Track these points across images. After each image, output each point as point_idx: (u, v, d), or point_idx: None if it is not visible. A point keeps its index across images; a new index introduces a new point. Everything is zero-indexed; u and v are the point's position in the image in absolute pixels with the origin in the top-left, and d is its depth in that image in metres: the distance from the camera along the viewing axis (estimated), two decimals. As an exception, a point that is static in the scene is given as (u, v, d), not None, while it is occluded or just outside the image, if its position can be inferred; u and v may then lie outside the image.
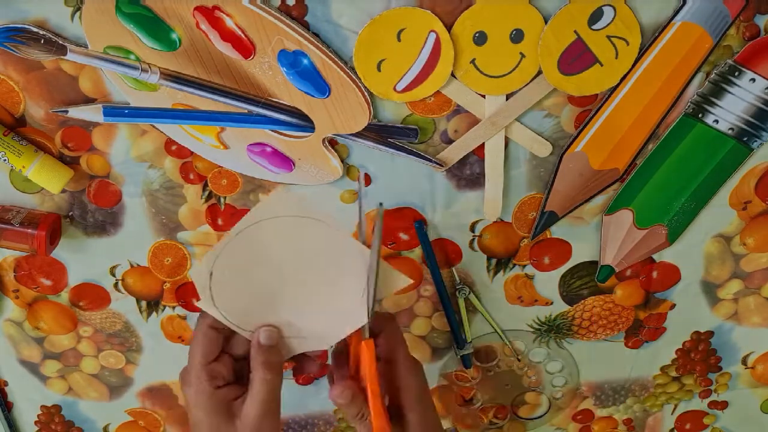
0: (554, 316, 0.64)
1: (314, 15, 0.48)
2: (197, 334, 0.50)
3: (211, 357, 0.50)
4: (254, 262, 0.50)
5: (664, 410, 0.71)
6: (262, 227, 0.49)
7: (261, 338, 0.50)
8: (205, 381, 0.49)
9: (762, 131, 0.52)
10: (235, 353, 0.52)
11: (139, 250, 0.59)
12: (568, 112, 0.53)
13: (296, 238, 0.49)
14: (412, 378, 0.53)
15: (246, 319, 0.51)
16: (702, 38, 0.49)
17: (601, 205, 0.57)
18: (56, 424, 0.70)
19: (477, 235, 0.59)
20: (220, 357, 0.51)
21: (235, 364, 0.51)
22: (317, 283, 0.50)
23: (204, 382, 0.49)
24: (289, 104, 0.51)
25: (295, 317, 0.51)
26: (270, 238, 0.49)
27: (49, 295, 0.62)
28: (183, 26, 0.48)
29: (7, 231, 0.54)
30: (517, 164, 0.55)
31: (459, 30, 0.49)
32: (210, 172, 0.55)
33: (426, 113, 0.52)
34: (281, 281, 0.50)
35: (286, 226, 0.49)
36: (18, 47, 0.46)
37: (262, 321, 0.51)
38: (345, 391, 0.49)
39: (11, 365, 0.66)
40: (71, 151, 0.54)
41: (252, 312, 0.51)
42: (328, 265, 0.50)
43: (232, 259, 0.49)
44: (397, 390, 0.52)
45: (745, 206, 0.57)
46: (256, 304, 0.51)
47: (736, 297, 0.63)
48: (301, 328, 0.51)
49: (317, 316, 0.51)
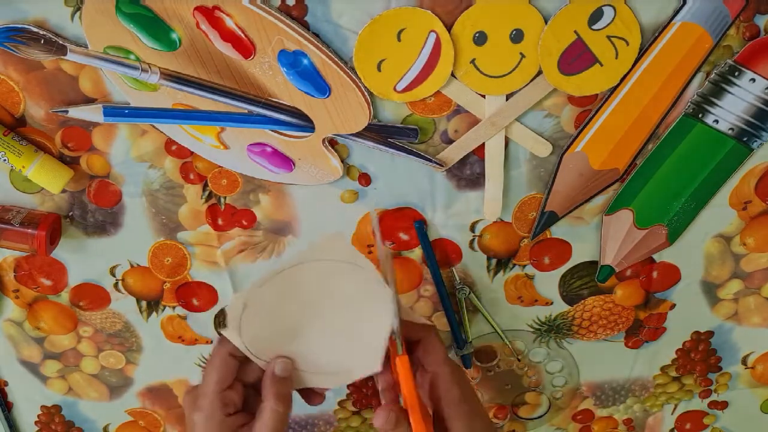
0: (554, 316, 0.64)
1: (314, 15, 0.48)
2: (215, 361, 0.50)
3: (226, 384, 0.49)
4: (288, 299, 0.50)
5: (664, 410, 0.71)
6: (305, 268, 0.49)
7: (276, 369, 0.50)
8: (218, 408, 0.48)
9: (762, 131, 0.52)
10: (246, 380, 0.51)
11: (139, 250, 0.59)
12: (568, 112, 0.53)
13: (334, 281, 0.50)
14: (454, 386, 0.51)
15: (264, 349, 0.51)
16: (702, 38, 0.49)
17: (601, 205, 0.57)
18: (56, 424, 0.70)
19: (477, 235, 0.59)
20: (234, 384, 0.50)
21: (244, 391, 0.51)
22: (342, 324, 0.51)
23: (217, 410, 0.48)
24: (289, 104, 0.51)
25: (312, 352, 0.51)
26: (310, 279, 0.49)
27: (49, 295, 0.62)
28: (183, 26, 0.48)
29: (7, 231, 0.55)
30: (517, 164, 0.55)
31: (459, 30, 0.49)
32: (210, 172, 0.55)
33: (426, 113, 0.52)
34: (308, 318, 0.51)
35: (328, 268, 0.49)
36: (18, 47, 0.46)
37: (280, 351, 0.51)
38: (389, 415, 0.48)
39: (11, 365, 0.66)
40: (71, 151, 0.54)
41: (272, 343, 0.51)
42: (357, 308, 0.50)
43: (269, 296, 0.50)
44: (439, 400, 0.51)
45: (745, 206, 0.57)
46: (278, 336, 0.51)
47: (736, 297, 0.63)
48: (316, 363, 0.51)
49: (334, 355, 0.51)
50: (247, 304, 0.50)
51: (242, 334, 0.50)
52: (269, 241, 0.59)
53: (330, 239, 0.49)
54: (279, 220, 0.58)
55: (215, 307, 0.62)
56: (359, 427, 0.71)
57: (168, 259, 0.60)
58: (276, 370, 0.50)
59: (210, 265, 0.60)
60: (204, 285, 0.61)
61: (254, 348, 0.50)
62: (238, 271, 0.60)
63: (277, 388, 0.49)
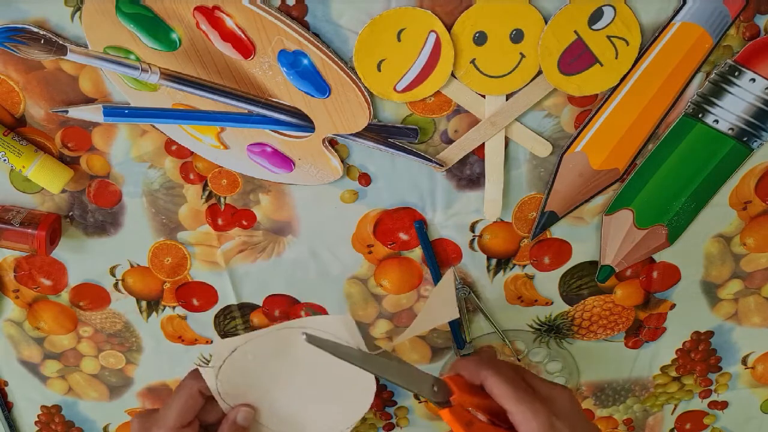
0: (554, 316, 0.64)
1: (314, 15, 0.48)
2: (182, 393, 0.50)
3: (186, 420, 0.50)
4: (277, 356, 0.51)
5: (664, 410, 0.71)
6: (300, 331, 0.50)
7: (239, 417, 0.50)
8: None
9: (762, 131, 0.52)
10: (205, 420, 0.52)
11: (139, 250, 0.59)
12: (568, 112, 0.53)
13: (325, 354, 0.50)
14: (531, 423, 0.45)
15: (235, 395, 0.52)
16: (702, 38, 0.49)
17: (601, 205, 0.57)
18: (56, 424, 0.70)
19: (477, 235, 0.59)
20: (192, 422, 0.50)
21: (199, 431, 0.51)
22: (321, 392, 0.51)
23: None
24: (289, 104, 0.51)
25: (278, 411, 0.52)
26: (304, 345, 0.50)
27: (49, 295, 0.62)
28: (183, 26, 0.48)
29: (7, 231, 0.55)
30: (517, 164, 0.55)
31: (459, 30, 0.49)
32: (210, 172, 0.55)
33: (426, 113, 0.52)
34: (289, 378, 0.51)
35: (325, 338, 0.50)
36: (18, 47, 0.46)
37: (247, 401, 0.52)
38: None
39: (11, 365, 0.66)
40: (71, 151, 0.54)
41: (244, 392, 0.52)
42: (339, 383, 0.51)
43: (260, 348, 0.51)
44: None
45: (745, 206, 0.57)
46: (252, 388, 0.52)
47: (736, 297, 0.63)
48: (278, 421, 0.52)
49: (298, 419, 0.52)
50: (237, 350, 0.50)
51: (219, 376, 0.50)
52: (269, 242, 0.59)
53: (338, 319, 0.50)
54: (279, 220, 0.58)
55: (215, 307, 0.62)
56: (359, 426, 0.71)
57: (168, 259, 0.60)
58: (238, 418, 0.50)
59: (210, 265, 0.60)
60: (204, 285, 0.61)
61: (225, 392, 0.51)
62: (238, 271, 0.60)
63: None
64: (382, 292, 0.61)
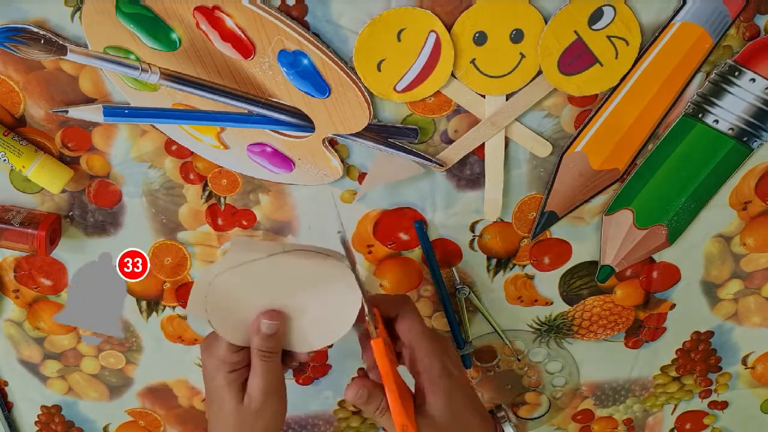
0: (554, 316, 0.64)
1: (314, 15, 0.48)
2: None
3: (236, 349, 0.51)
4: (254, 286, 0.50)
5: (664, 410, 0.71)
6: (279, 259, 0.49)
7: (263, 328, 0.50)
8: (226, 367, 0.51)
9: (762, 131, 0.52)
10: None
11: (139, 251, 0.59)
12: (568, 112, 0.53)
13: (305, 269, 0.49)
14: (433, 359, 0.50)
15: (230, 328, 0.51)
16: (702, 38, 0.49)
17: (601, 205, 0.57)
18: (56, 424, 0.70)
19: (477, 235, 0.59)
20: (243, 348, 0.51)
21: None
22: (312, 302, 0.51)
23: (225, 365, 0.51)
24: (289, 104, 0.51)
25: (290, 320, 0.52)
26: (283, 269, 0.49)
27: (49, 295, 0.62)
28: (183, 26, 0.48)
29: (7, 231, 0.55)
30: (517, 164, 0.55)
31: (459, 30, 0.49)
32: (210, 172, 0.55)
33: (426, 113, 0.52)
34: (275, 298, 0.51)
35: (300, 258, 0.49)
36: (18, 47, 0.46)
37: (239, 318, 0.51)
38: (360, 391, 0.49)
39: (11, 365, 0.66)
40: (71, 151, 0.54)
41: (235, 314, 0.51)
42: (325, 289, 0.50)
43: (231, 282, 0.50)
44: (419, 374, 0.50)
45: (745, 206, 0.57)
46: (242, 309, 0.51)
47: (736, 297, 0.63)
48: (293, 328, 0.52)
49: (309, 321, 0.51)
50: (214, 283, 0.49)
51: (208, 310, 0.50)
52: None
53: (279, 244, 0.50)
54: (279, 220, 0.58)
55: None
56: (359, 427, 0.71)
57: (168, 259, 0.60)
58: (263, 328, 0.50)
59: (210, 265, 0.60)
60: (204, 285, 0.61)
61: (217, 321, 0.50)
62: (238, 271, 0.60)
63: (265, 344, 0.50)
64: (382, 292, 0.61)
